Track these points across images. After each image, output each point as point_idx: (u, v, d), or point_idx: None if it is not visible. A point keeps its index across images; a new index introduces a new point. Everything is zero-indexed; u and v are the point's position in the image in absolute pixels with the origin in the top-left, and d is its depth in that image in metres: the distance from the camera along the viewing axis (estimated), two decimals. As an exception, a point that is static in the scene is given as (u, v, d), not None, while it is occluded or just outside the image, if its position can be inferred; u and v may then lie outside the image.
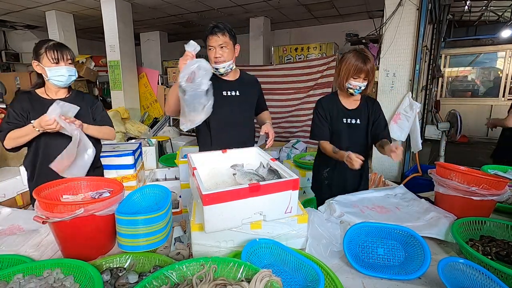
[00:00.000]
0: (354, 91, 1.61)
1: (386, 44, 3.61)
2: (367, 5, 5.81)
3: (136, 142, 3.11)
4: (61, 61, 1.47)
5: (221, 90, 1.67)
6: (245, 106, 1.75)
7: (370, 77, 1.58)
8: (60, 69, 1.47)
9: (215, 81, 1.61)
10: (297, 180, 1.04)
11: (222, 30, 1.55)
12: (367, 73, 1.56)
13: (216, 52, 1.56)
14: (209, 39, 1.56)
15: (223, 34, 1.55)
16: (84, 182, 1.24)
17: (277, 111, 5.13)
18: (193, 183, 1.17)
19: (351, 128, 1.71)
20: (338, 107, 1.73)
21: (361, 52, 1.58)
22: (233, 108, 1.69)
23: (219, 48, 1.56)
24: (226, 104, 1.66)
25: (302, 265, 0.93)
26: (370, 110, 1.72)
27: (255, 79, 1.86)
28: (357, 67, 1.54)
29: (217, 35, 1.54)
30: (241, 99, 1.71)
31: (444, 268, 0.90)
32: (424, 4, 3.33)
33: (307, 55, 6.19)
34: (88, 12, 6.17)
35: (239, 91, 1.71)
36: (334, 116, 1.72)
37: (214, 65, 1.59)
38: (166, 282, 0.82)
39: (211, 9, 6.03)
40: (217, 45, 1.55)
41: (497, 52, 6.46)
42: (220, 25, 1.55)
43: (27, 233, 1.22)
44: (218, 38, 1.54)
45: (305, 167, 2.78)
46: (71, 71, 1.51)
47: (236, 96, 1.70)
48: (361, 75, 1.56)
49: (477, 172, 1.38)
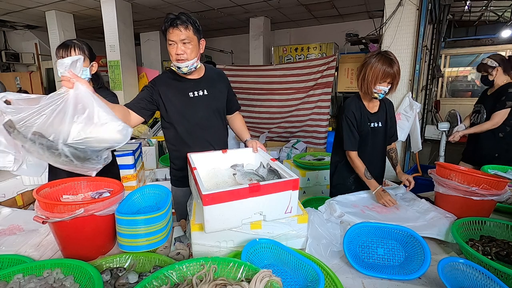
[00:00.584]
0: (379, 95, 1.57)
1: (386, 44, 3.61)
2: (367, 5, 5.81)
3: (136, 142, 3.11)
4: None
5: (187, 91, 1.50)
6: (215, 106, 1.57)
7: (395, 80, 1.53)
8: None
9: (178, 82, 1.50)
10: (297, 180, 1.05)
11: (185, 23, 1.33)
12: (393, 76, 1.51)
13: (178, 48, 1.35)
14: (169, 32, 1.34)
15: (186, 27, 1.33)
16: (84, 182, 1.24)
17: (277, 111, 5.14)
18: (193, 183, 1.17)
19: (374, 132, 1.69)
20: (364, 111, 1.68)
21: (386, 55, 1.52)
22: (202, 109, 1.52)
23: (181, 44, 1.35)
24: (193, 106, 1.51)
25: (302, 265, 0.93)
26: (388, 112, 1.73)
27: (221, 73, 1.67)
28: (385, 71, 1.49)
29: (179, 28, 1.32)
30: (210, 98, 1.54)
31: (444, 268, 0.90)
32: (424, 4, 3.33)
33: (307, 55, 6.19)
34: (88, 12, 6.17)
35: (206, 90, 1.53)
36: (361, 121, 1.68)
37: (175, 63, 1.40)
38: (166, 282, 0.82)
39: (211, 9, 6.03)
40: (178, 40, 1.34)
41: (497, 52, 6.45)
42: (183, 16, 1.34)
43: (27, 233, 1.22)
44: (180, 32, 1.33)
45: (305, 167, 2.78)
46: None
47: (204, 96, 1.52)
48: (387, 80, 1.52)
49: (477, 172, 1.38)
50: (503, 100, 2.32)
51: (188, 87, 1.50)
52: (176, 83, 1.50)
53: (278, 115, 5.13)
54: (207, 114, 1.54)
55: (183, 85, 1.50)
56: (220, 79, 1.62)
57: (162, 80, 1.51)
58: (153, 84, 1.50)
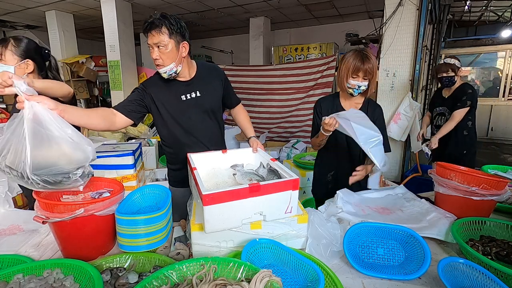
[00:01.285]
0: (354, 91, 1.58)
1: (386, 44, 3.62)
2: (367, 5, 5.81)
3: (136, 142, 3.11)
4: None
5: (179, 94, 1.44)
6: (208, 106, 1.51)
7: (370, 77, 1.54)
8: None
9: (170, 85, 1.44)
10: (297, 180, 1.04)
11: (158, 26, 1.26)
12: (365, 72, 1.52)
13: (154, 52, 1.30)
14: (147, 36, 1.30)
15: (158, 32, 1.26)
16: (84, 182, 1.24)
17: (277, 111, 5.14)
18: (193, 183, 1.17)
19: None
20: (338, 108, 1.69)
21: (361, 51, 1.55)
22: (195, 112, 1.47)
23: (156, 48, 1.30)
24: (186, 109, 1.46)
25: (302, 265, 0.93)
26: (370, 114, 1.67)
27: (214, 68, 1.58)
28: (355, 66, 1.52)
29: (151, 32, 1.27)
30: (203, 100, 1.48)
31: (444, 268, 0.90)
32: (424, 4, 3.33)
33: (307, 55, 6.19)
34: (88, 12, 6.17)
35: (199, 91, 1.47)
36: None
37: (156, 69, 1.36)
38: (166, 282, 0.82)
39: (211, 9, 6.03)
40: (152, 43, 1.29)
41: (497, 52, 6.46)
42: (157, 21, 1.27)
43: (27, 233, 1.22)
44: (152, 36, 1.28)
45: (305, 167, 2.78)
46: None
47: (196, 97, 1.47)
48: (359, 74, 1.53)
49: (477, 172, 1.38)
50: (464, 99, 2.45)
51: (180, 90, 1.45)
52: (168, 86, 1.44)
53: (278, 115, 5.13)
54: (200, 117, 1.50)
55: (175, 88, 1.44)
56: (213, 75, 1.54)
57: (153, 83, 1.45)
58: (144, 87, 1.45)
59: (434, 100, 2.76)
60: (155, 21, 1.27)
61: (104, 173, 2.05)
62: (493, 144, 6.29)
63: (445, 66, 2.47)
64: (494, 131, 6.53)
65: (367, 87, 1.58)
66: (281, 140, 5.13)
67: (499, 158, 5.39)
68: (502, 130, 6.46)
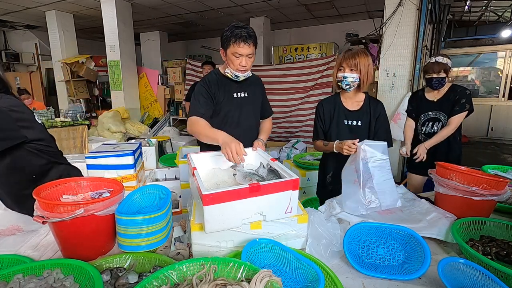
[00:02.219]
0: (341, 83, 1.64)
1: (386, 44, 3.62)
2: (367, 5, 5.81)
3: (136, 142, 3.10)
4: None
5: (232, 92, 1.65)
6: (253, 107, 1.73)
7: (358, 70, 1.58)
8: None
9: (225, 82, 1.64)
10: (297, 180, 1.04)
11: (253, 39, 1.47)
12: (348, 64, 1.59)
13: (243, 61, 1.51)
14: (239, 45, 1.45)
15: (253, 43, 1.48)
16: (84, 182, 1.24)
17: (277, 111, 5.14)
18: (193, 183, 1.17)
19: (352, 130, 1.69)
20: (339, 108, 1.72)
21: (351, 48, 1.66)
22: (242, 110, 1.67)
23: (247, 58, 1.51)
24: (236, 105, 1.65)
25: (302, 265, 0.93)
26: (372, 112, 1.69)
27: (258, 79, 1.83)
28: (340, 59, 1.63)
29: (248, 43, 1.46)
30: (249, 101, 1.70)
31: (444, 268, 0.90)
32: (424, 4, 3.34)
33: (307, 55, 6.19)
34: (88, 12, 6.17)
35: (247, 92, 1.69)
36: (335, 117, 1.72)
37: (235, 72, 1.56)
38: (166, 282, 0.82)
39: (211, 9, 6.03)
40: (245, 54, 1.48)
41: (497, 52, 6.45)
42: (252, 32, 1.46)
43: (27, 233, 1.22)
44: (249, 47, 1.47)
45: (305, 167, 2.78)
46: None
47: (245, 97, 1.68)
48: (343, 65, 1.61)
49: (477, 172, 1.38)
50: (463, 102, 2.16)
51: (233, 88, 1.65)
52: (224, 84, 1.64)
53: (278, 115, 5.13)
54: (246, 114, 1.69)
55: (229, 86, 1.64)
56: (257, 83, 1.78)
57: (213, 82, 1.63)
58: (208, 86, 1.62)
59: (418, 104, 2.35)
60: (251, 33, 1.47)
61: (104, 173, 2.05)
62: (493, 144, 6.29)
63: (437, 65, 2.12)
64: (494, 131, 6.53)
65: (357, 80, 1.61)
66: (281, 140, 5.13)
67: (499, 158, 5.39)
68: (502, 130, 6.45)
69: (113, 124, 4.67)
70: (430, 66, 2.16)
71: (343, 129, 1.70)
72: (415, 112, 2.40)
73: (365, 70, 1.59)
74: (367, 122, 1.70)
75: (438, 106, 2.25)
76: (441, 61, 2.13)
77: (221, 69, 1.67)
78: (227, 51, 1.51)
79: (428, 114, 2.30)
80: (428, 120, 2.31)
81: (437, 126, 2.27)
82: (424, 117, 2.32)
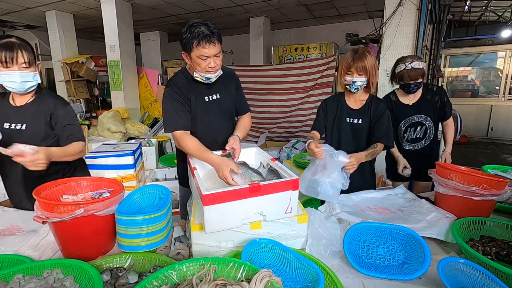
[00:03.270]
0: (350, 87, 1.62)
1: (386, 44, 3.62)
2: (367, 5, 5.81)
3: (136, 142, 3.11)
4: (12, 64, 1.24)
5: (203, 95, 1.52)
6: (226, 108, 1.60)
7: (367, 73, 1.57)
8: (11, 74, 1.24)
9: (195, 86, 1.50)
10: (297, 180, 1.05)
11: (217, 36, 1.32)
12: (357, 68, 1.57)
13: (211, 62, 1.35)
14: (203, 47, 1.30)
15: (219, 42, 1.34)
16: (84, 182, 1.24)
17: (277, 111, 5.14)
18: (193, 183, 1.17)
19: (354, 128, 1.71)
20: (342, 106, 1.74)
21: (357, 50, 1.61)
22: (215, 113, 1.56)
23: (215, 58, 1.36)
24: (209, 110, 1.54)
25: (302, 265, 0.93)
26: (374, 110, 1.70)
27: (232, 73, 1.64)
28: (348, 63, 1.60)
29: (214, 42, 1.31)
30: (221, 102, 1.57)
31: (444, 268, 0.90)
32: (424, 4, 3.34)
33: (307, 55, 6.19)
34: (88, 12, 6.17)
35: (218, 94, 1.56)
36: (338, 115, 1.74)
37: (205, 75, 1.40)
38: (166, 282, 0.82)
39: (211, 9, 6.03)
40: (212, 54, 1.33)
41: (497, 52, 6.45)
42: (213, 28, 1.32)
43: (27, 233, 1.22)
44: (214, 46, 1.32)
45: (305, 167, 2.77)
46: (26, 76, 1.27)
47: (216, 99, 1.55)
48: (352, 70, 1.59)
49: (477, 172, 1.38)
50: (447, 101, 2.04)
51: (204, 91, 1.52)
52: (194, 88, 1.51)
53: (278, 115, 5.13)
54: (219, 117, 1.57)
55: (199, 89, 1.51)
56: (230, 79, 1.61)
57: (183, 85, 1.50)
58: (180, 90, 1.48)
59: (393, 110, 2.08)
60: (215, 31, 1.31)
61: (104, 173, 2.05)
62: (493, 144, 6.29)
63: (415, 72, 1.91)
64: (494, 131, 6.53)
65: (366, 83, 1.61)
66: (281, 140, 5.13)
67: (499, 158, 5.39)
68: (502, 130, 6.46)
69: (113, 124, 4.68)
70: (407, 73, 1.93)
71: (345, 126, 1.72)
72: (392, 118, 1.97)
73: (372, 71, 1.59)
74: (367, 120, 1.70)
75: (418, 110, 2.05)
76: (418, 67, 1.92)
77: (189, 70, 1.50)
78: (191, 54, 1.35)
79: (410, 119, 2.08)
80: (410, 126, 2.09)
81: (420, 131, 2.08)
82: (405, 124, 2.09)
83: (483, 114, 6.52)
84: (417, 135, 2.09)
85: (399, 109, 2.09)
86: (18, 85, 1.27)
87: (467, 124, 6.00)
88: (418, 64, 1.93)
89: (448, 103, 2.05)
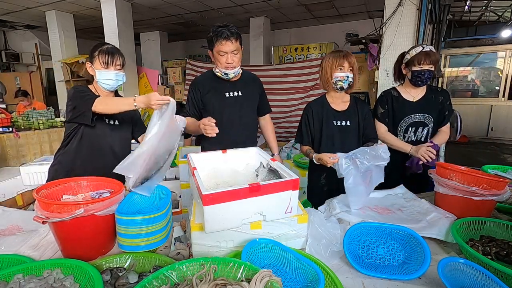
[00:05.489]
0: (343, 82, 1.61)
1: (386, 44, 3.62)
2: (367, 5, 5.81)
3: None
4: (111, 66, 1.51)
5: (224, 91, 1.68)
6: (247, 106, 1.75)
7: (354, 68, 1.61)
8: (108, 73, 1.51)
9: (216, 82, 1.68)
10: (297, 180, 1.05)
11: (236, 35, 1.53)
12: (350, 63, 1.59)
13: (229, 58, 1.56)
14: (221, 43, 1.53)
15: (236, 40, 1.54)
16: (84, 182, 1.24)
17: (277, 111, 5.13)
18: (193, 183, 1.17)
19: (342, 130, 1.71)
20: (328, 109, 1.72)
21: (339, 50, 1.66)
22: (235, 109, 1.70)
23: (232, 55, 1.55)
24: (228, 105, 1.68)
25: (302, 265, 0.93)
26: (360, 110, 1.72)
27: (256, 78, 1.85)
28: (338, 59, 1.60)
29: (230, 40, 1.52)
30: (243, 99, 1.72)
31: (444, 268, 0.90)
32: (424, 4, 3.34)
33: (307, 55, 6.19)
34: (88, 12, 6.17)
35: (241, 92, 1.71)
36: (324, 119, 1.71)
37: (223, 70, 1.60)
38: (166, 282, 0.82)
39: (211, 9, 6.03)
40: (230, 51, 1.54)
41: (497, 52, 6.45)
42: (233, 29, 1.53)
43: (27, 233, 1.22)
44: (231, 44, 1.53)
45: (305, 167, 2.78)
46: (119, 75, 1.54)
47: (238, 96, 1.71)
48: (344, 65, 1.59)
49: (477, 172, 1.37)
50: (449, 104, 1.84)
51: (225, 88, 1.69)
52: (215, 85, 1.69)
53: (278, 115, 5.13)
54: (241, 112, 1.72)
55: (221, 85, 1.69)
56: (254, 82, 1.81)
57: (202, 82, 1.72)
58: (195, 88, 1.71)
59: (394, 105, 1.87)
60: (232, 30, 1.53)
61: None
62: (493, 144, 6.29)
63: (432, 55, 1.68)
64: (494, 131, 6.52)
65: (352, 81, 1.63)
66: (281, 140, 5.12)
67: (499, 158, 5.38)
68: (502, 130, 6.45)
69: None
70: (422, 55, 1.69)
71: (333, 129, 1.71)
72: (390, 115, 1.89)
73: (356, 70, 1.64)
74: (356, 121, 1.72)
75: (422, 108, 1.82)
76: (434, 50, 1.72)
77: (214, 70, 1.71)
78: (213, 51, 1.58)
79: (412, 118, 1.84)
80: (411, 125, 1.85)
81: (421, 133, 1.85)
82: (406, 122, 1.85)
83: (483, 114, 6.51)
84: (418, 137, 1.85)
85: (400, 105, 1.85)
86: (113, 82, 1.53)
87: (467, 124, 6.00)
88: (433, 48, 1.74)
89: (449, 107, 1.83)
